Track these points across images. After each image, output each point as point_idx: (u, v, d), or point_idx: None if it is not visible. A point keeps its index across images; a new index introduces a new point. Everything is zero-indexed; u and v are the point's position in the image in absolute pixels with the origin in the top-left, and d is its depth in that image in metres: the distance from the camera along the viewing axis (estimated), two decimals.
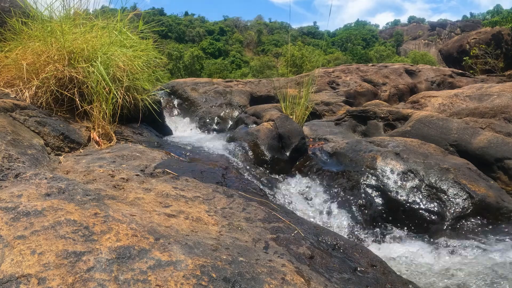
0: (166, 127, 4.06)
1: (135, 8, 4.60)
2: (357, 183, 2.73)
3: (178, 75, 37.68)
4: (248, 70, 47.01)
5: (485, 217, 2.44)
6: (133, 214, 1.36)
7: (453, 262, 1.95)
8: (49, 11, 3.17)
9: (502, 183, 3.11)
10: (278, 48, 61.95)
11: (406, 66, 9.89)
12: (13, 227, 1.08)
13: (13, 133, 1.98)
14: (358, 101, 7.58)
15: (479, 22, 42.66)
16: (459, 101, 5.45)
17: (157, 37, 4.16)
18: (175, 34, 72.22)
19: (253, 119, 4.31)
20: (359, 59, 44.19)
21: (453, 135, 3.60)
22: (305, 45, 56.25)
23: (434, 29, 65.11)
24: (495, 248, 2.14)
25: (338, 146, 3.28)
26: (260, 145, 3.17)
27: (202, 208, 1.62)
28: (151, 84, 3.46)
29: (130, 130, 2.99)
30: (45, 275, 0.93)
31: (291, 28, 75.20)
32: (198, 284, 1.01)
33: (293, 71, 25.89)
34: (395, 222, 2.48)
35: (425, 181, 2.63)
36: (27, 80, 2.62)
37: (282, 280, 1.13)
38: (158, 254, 1.10)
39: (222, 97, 6.86)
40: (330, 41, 73.52)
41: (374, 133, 4.44)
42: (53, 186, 1.42)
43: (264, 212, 1.72)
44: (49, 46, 2.76)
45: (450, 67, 12.81)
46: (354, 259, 1.53)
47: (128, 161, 2.11)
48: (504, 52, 13.05)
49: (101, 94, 2.62)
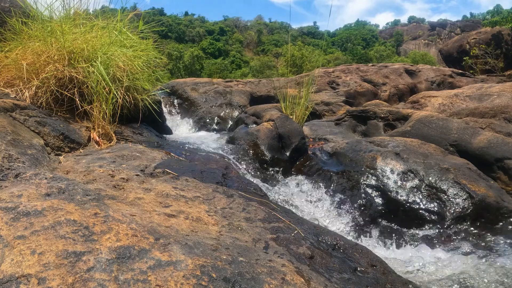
0: (166, 127, 4.06)
1: (135, 8, 4.60)
2: (357, 183, 2.73)
3: (178, 75, 37.68)
4: (248, 70, 46.99)
5: (485, 217, 2.44)
6: (133, 214, 1.36)
7: (453, 262, 1.95)
8: (49, 11, 3.18)
9: (502, 183, 3.11)
10: (278, 48, 61.95)
11: (406, 66, 9.89)
12: (13, 227, 1.08)
13: (13, 133, 1.98)
14: (358, 101, 7.58)
15: (479, 22, 42.66)
16: (459, 101, 5.45)
17: (157, 37, 4.16)
18: (175, 34, 72.21)
19: (253, 119, 4.31)
20: (359, 59, 44.17)
21: (453, 135, 3.60)
22: (305, 45, 56.23)
23: (434, 29, 65.10)
24: (495, 248, 2.14)
25: (338, 146, 3.28)
26: (260, 145, 3.17)
27: (202, 208, 1.62)
28: (151, 84, 3.46)
29: (130, 130, 2.99)
30: (45, 275, 0.93)
31: (291, 28, 75.19)
32: (198, 284, 1.01)
33: (293, 71, 25.89)
34: (395, 222, 2.47)
35: (425, 181, 2.63)
36: (27, 80, 2.62)
37: (282, 280, 1.13)
38: (158, 254, 1.10)
39: (222, 97, 6.86)
40: (330, 41, 73.52)
41: (374, 133, 4.44)
42: (53, 186, 1.42)
43: (264, 212, 1.72)
44: (49, 46, 2.76)
45: (450, 67, 12.81)
46: (354, 259, 1.53)
47: (128, 161, 2.11)
48: (504, 52, 13.05)
49: (101, 94, 2.62)
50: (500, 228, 2.37)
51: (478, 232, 2.35)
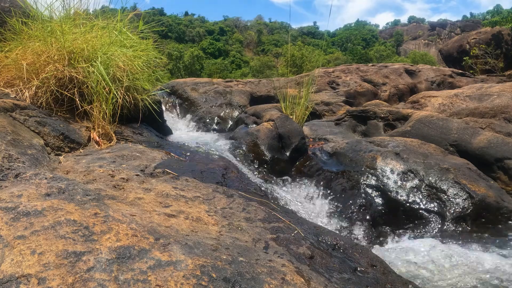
0: (166, 127, 4.06)
1: (135, 8, 4.60)
2: (357, 183, 2.73)
3: (178, 75, 37.67)
4: (248, 70, 46.99)
5: (485, 217, 2.44)
6: (133, 214, 1.36)
7: (453, 262, 1.95)
8: (49, 11, 3.18)
9: (502, 183, 3.11)
10: (278, 48, 61.91)
11: (406, 66, 9.89)
12: (13, 227, 1.08)
13: (13, 133, 1.98)
14: (358, 101, 7.58)
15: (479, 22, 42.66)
16: (459, 101, 5.45)
17: (157, 37, 4.16)
18: (175, 34, 72.19)
19: (253, 119, 4.30)
20: (359, 59, 44.15)
21: (453, 135, 3.60)
22: (305, 45, 56.21)
23: (434, 29, 65.09)
24: (495, 248, 2.14)
25: (338, 146, 3.28)
26: (260, 145, 3.17)
27: (202, 208, 1.62)
28: (151, 84, 3.46)
29: (130, 130, 2.99)
30: (45, 275, 0.93)
31: (291, 28, 75.19)
32: (198, 284, 1.01)
33: (293, 71, 25.90)
34: (395, 222, 2.47)
35: (425, 181, 2.63)
36: (27, 80, 2.62)
37: (282, 280, 1.13)
38: (158, 254, 1.10)
39: (222, 97, 6.86)
40: (330, 41, 73.51)
41: (374, 133, 4.44)
42: (53, 186, 1.42)
43: (264, 212, 1.72)
44: (49, 46, 2.76)
45: (450, 67, 12.81)
46: (354, 259, 1.53)
47: (128, 161, 2.11)
48: (504, 52, 13.05)
49: (101, 94, 2.62)
50: (500, 228, 2.38)
51: (478, 232, 2.35)
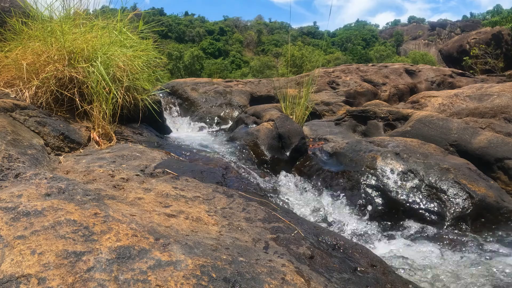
0: (166, 127, 4.06)
1: (135, 8, 4.60)
2: (357, 183, 2.73)
3: (178, 75, 37.68)
4: (248, 70, 46.97)
5: (485, 217, 2.44)
6: (133, 214, 1.36)
7: (454, 262, 1.95)
8: (49, 11, 3.18)
9: (502, 183, 3.11)
10: (278, 48, 61.91)
11: (406, 66, 9.89)
12: (13, 227, 1.08)
13: (13, 133, 1.98)
14: (358, 101, 7.58)
15: (479, 22, 42.62)
16: (459, 101, 5.45)
17: (157, 37, 4.16)
18: (175, 34, 72.18)
19: (253, 119, 4.30)
20: (359, 59, 44.18)
21: (453, 135, 3.60)
22: (305, 45, 56.24)
23: (434, 29, 65.08)
24: (495, 248, 2.14)
25: (338, 146, 3.28)
26: (260, 145, 3.17)
27: (202, 208, 1.62)
28: (151, 84, 3.46)
29: (130, 130, 2.99)
30: (45, 275, 0.93)
31: (291, 28, 75.16)
32: (198, 284, 1.01)
33: (293, 71, 25.91)
34: (395, 222, 2.47)
35: (425, 181, 2.63)
36: (27, 80, 2.62)
37: (282, 280, 1.13)
38: (158, 254, 1.10)
39: (222, 97, 6.86)
40: (330, 41, 73.50)
41: (374, 133, 4.44)
42: (53, 186, 1.42)
43: (264, 212, 1.72)
44: (49, 46, 2.76)
45: (450, 67, 12.81)
46: (354, 259, 1.53)
47: (128, 161, 2.11)
48: (504, 52, 13.06)
49: (101, 94, 2.62)
50: (500, 228, 2.38)
51: (478, 232, 2.35)
